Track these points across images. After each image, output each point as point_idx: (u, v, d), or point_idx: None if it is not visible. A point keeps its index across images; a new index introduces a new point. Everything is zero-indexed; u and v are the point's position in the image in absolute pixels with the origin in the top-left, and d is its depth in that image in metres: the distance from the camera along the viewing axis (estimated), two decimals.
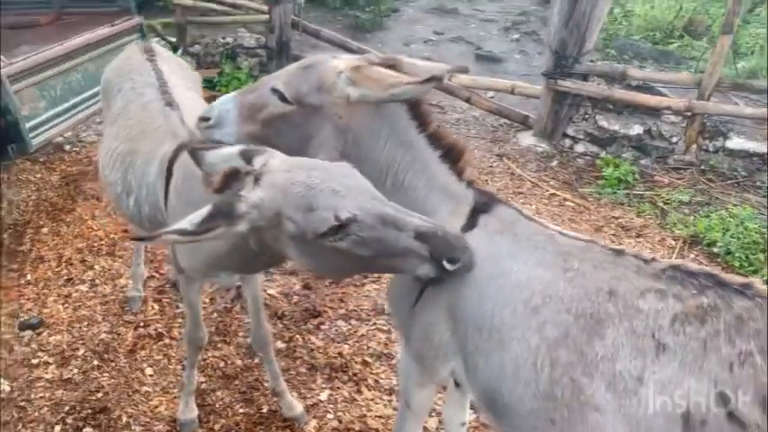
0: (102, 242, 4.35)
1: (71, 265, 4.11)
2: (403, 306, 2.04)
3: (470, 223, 1.87)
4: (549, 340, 1.63)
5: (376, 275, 4.00)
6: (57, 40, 4.53)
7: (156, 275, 4.08)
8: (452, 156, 1.95)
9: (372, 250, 1.64)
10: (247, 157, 1.71)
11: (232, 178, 1.65)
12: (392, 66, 1.98)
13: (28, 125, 4.42)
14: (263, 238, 1.73)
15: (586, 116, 5.97)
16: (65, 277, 3.99)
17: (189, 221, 1.59)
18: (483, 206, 1.90)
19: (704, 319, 1.47)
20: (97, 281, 3.99)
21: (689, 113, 5.59)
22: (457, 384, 2.35)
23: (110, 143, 2.83)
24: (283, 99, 1.96)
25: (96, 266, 4.11)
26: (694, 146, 5.68)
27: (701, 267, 1.60)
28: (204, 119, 2.10)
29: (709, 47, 8.01)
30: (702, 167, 5.68)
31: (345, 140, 1.95)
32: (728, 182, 5.51)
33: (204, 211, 1.61)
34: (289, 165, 1.68)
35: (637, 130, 5.78)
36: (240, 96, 2.07)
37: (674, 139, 5.74)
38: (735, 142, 5.57)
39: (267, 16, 7.27)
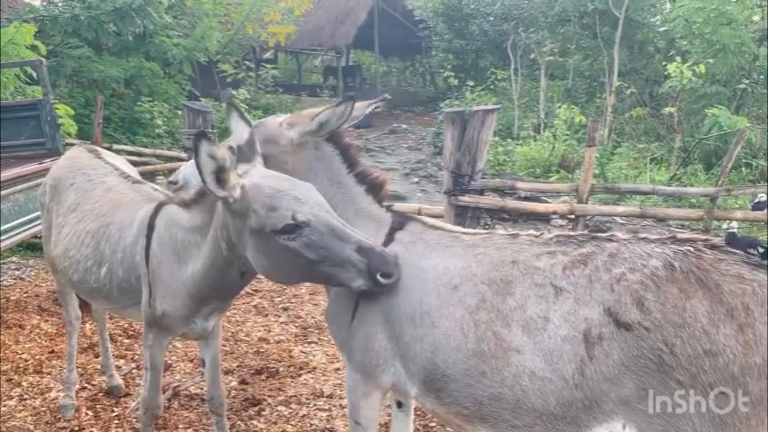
0: (29, 362, 4.27)
1: None
2: (342, 324, 2.32)
3: (389, 239, 2.28)
4: (470, 308, 1.98)
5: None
6: None
7: (88, 386, 4.04)
8: (374, 189, 2.42)
9: (318, 255, 1.99)
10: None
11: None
12: None
13: None
14: (230, 232, 2.12)
15: (486, 226, 6.64)
16: None
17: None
18: (398, 225, 2.33)
19: (586, 262, 1.90)
20: (26, 396, 3.89)
21: (572, 216, 6.39)
22: (399, 405, 2.60)
23: (72, 228, 3.02)
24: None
25: (24, 383, 4.02)
26: None
27: (579, 231, 2.07)
28: (172, 182, 2.60)
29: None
30: None
31: None
32: None
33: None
34: (266, 174, 2.11)
35: None
36: None
37: None
38: None
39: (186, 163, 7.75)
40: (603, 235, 1.99)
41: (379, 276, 2.00)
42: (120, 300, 2.88)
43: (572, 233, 2.07)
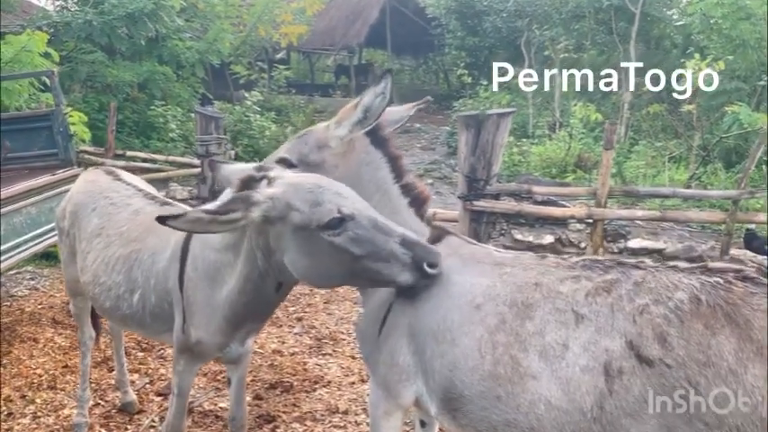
0: (42, 378, 4.25)
1: (10, 401, 3.97)
2: (369, 337, 2.28)
3: None
4: (489, 328, 1.93)
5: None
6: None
7: (102, 402, 4.01)
8: (418, 202, 2.38)
9: (363, 250, 1.96)
10: (262, 170, 2.11)
11: (247, 183, 2.05)
12: None
13: None
14: (268, 238, 2.07)
15: (503, 231, 6.56)
16: (5, 413, 3.84)
17: (212, 204, 1.97)
18: (436, 238, 2.28)
19: (610, 290, 1.82)
20: (39, 413, 3.86)
21: (591, 220, 6.27)
22: (423, 425, 2.54)
23: (99, 254, 2.95)
24: (290, 165, 2.36)
25: (38, 400, 3.99)
26: (600, 249, 6.29)
27: (608, 257, 1.99)
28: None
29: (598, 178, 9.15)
30: None
31: None
32: None
33: (226, 197, 1.99)
34: (299, 175, 2.13)
35: (549, 239, 6.40)
36: None
37: (583, 245, 6.37)
38: (634, 242, 6.24)
39: (199, 169, 7.73)
40: (631, 261, 1.91)
41: (425, 266, 1.98)
42: (153, 326, 2.84)
43: (600, 257, 1.99)
